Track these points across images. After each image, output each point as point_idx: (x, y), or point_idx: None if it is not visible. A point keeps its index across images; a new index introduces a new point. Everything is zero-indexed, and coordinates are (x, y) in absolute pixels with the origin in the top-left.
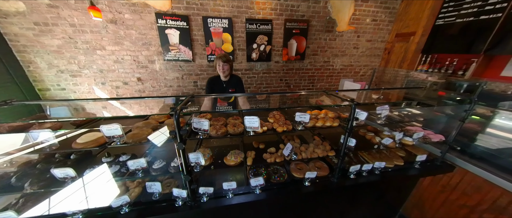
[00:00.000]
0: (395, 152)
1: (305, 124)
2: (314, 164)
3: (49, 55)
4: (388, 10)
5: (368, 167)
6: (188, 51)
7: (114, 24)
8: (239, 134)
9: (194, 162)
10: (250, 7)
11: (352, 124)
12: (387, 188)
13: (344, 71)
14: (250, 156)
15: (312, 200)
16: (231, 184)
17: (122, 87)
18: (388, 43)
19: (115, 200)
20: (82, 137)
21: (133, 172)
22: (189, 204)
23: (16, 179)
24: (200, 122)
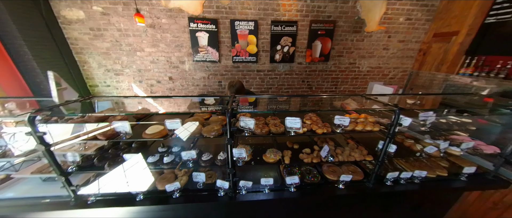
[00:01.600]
0: (437, 162)
1: (345, 127)
2: (348, 168)
3: (99, 56)
4: (426, 8)
5: (407, 175)
6: (215, 53)
7: (152, 28)
8: (280, 134)
9: (237, 157)
10: (276, 9)
11: (395, 129)
12: (425, 199)
13: (371, 73)
14: (287, 155)
15: (344, 204)
16: (269, 180)
17: (155, 85)
18: (424, 43)
19: (169, 185)
20: (149, 128)
21: (184, 162)
22: (230, 195)
23: (97, 160)
24: (247, 121)
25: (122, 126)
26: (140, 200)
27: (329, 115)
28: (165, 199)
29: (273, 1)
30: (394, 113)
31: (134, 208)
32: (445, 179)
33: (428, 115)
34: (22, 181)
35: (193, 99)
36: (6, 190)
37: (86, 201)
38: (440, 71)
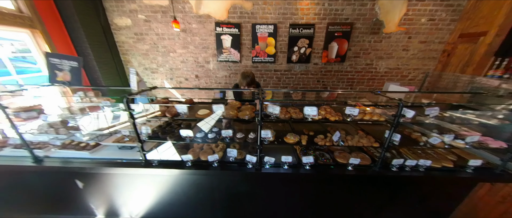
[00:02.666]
0: (443, 155)
1: (354, 116)
2: (357, 155)
3: (140, 56)
4: (451, 8)
5: (412, 163)
6: (237, 54)
7: (184, 32)
8: (300, 120)
9: (264, 136)
10: (294, 13)
11: (398, 120)
12: (433, 192)
13: (389, 74)
14: (304, 138)
15: (352, 184)
16: (288, 157)
17: (184, 82)
18: (449, 44)
19: (211, 156)
20: (200, 111)
21: (223, 138)
22: (256, 168)
23: (161, 133)
24: (274, 107)
25: (182, 107)
26: (188, 166)
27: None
28: (206, 167)
29: (292, 6)
30: (398, 105)
31: (184, 171)
32: (450, 170)
33: (433, 110)
34: (105, 148)
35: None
36: (96, 153)
37: (151, 163)
38: (465, 73)
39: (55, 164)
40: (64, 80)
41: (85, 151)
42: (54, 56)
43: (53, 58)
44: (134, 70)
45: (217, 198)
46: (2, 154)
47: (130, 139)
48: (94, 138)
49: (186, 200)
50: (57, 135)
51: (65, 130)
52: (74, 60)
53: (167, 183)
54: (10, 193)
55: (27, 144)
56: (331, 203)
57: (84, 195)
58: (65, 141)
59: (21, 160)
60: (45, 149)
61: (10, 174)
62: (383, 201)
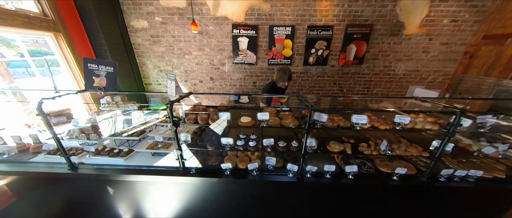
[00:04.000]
0: (491, 164)
1: (404, 125)
2: (400, 164)
3: (155, 58)
4: (475, 8)
5: (462, 174)
6: (253, 56)
7: (200, 34)
8: (348, 128)
9: (309, 145)
10: (313, 15)
11: (454, 130)
12: (478, 202)
13: (407, 76)
14: (347, 147)
15: (395, 197)
16: (331, 167)
17: (198, 85)
18: (471, 46)
19: (251, 165)
20: (241, 119)
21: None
22: (298, 177)
23: (199, 140)
24: (320, 115)
25: (226, 115)
26: (227, 174)
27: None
28: (244, 175)
29: (310, 7)
30: (455, 114)
31: (222, 179)
32: (501, 180)
33: (486, 118)
34: (138, 154)
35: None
36: (130, 159)
37: (189, 171)
38: (490, 76)
39: (89, 171)
40: (100, 85)
41: (119, 158)
42: (91, 62)
43: (91, 64)
44: (173, 75)
45: (249, 206)
46: (37, 160)
47: (164, 145)
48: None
49: (217, 208)
50: (88, 140)
51: (96, 135)
52: (110, 65)
53: (200, 191)
54: (44, 201)
55: (65, 151)
56: (371, 214)
57: (115, 202)
58: (98, 147)
59: (57, 166)
60: (79, 155)
61: (47, 181)
62: (425, 212)
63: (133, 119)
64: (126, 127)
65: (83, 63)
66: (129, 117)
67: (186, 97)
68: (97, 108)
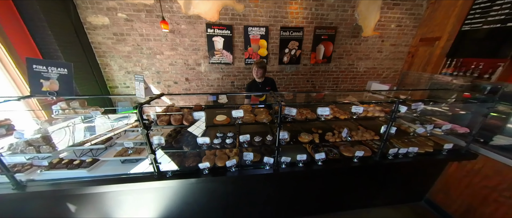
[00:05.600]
0: (424, 141)
1: (359, 114)
2: (359, 148)
3: (120, 59)
4: (413, 16)
5: (404, 151)
6: (230, 55)
7: (172, 33)
8: (314, 119)
9: (282, 138)
10: (285, 17)
11: (395, 115)
12: (416, 172)
13: (367, 73)
14: (315, 137)
15: (355, 174)
16: (303, 155)
17: (173, 86)
18: (412, 47)
19: (229, 162)
20: (217, 117)
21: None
22: (274, 169)
23: (174, 142)
24: (290, 109)
25: (200, 114)
26: (205, 173)
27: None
28: (224, 172)
29: (282, 9)
30: (395, 103)
31: (201, 179)
32: (431, 153)
33: (418, 105)
34: (105, 163)
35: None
36: (95, 170)
37: (165, 174)
38: (426, 71)
39: (42, 188)
40: (51, 90)
41: (82, 169)
42: (38, 63)
43: (38, 65)
44: (141, 76)
45: (230, 203)
46: None
47: (135, 151)
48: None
49: (198, 209)
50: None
51: (49, 147)
52: (63, 67)
53: (179, 194)
54: None
55: (7, 168)
56: (338, 192)
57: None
58: (53, 160)
59: None
60: (27, 172)
61: None
62: (379, 186)
63: (97, 126)
64: (89, 136)
65: (26, 65)
66: (92, 124)
67: (158, 98)
68: (48, 116)
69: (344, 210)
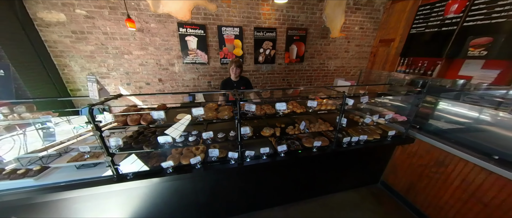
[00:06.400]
0: (374, 130)
1: (314, 108)
2: (319, 138)
3: (82, 59)
4: (373, 20)
5: (355, 139)
6: (204, 55)
7: (141, 32)
8: (272, 114)
9: (244, 133)
10: (257, 17)
11: (344, 107)
12: (371, 158)
13: (337, 71)
14: (277, 130)
15: (315, 163)
16: (266, 149)
17: (144, 87)
18: (374, 47)
19: (193, 159)
20: (178, 115)
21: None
22: (239, 163)
23: (134, 143)
24: (250, 105)
25: (159, 114)
26: (169, 172)
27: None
28: (189, 169)
29: (255, 10)
30: (343, 96)
31: (165, 178)
32: (378, 140)
33: (364, 98)
34: (57, 170)
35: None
36: (44, 178)
37: (126, 176)
38: (385, 69)
39: None
40: None
41: (28, 179)
42: None
43: None
44: (94, 77)
45: (202, 200)
46: None
47: (93, 155)
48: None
49: (167, 209)
50: None
51: None
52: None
53: (145, 195)
54: None
55: None
56: (303, 180)
57: None
58: None
59: None
60: None
61: None
62: (340, 172)
63: (57, 132)
64: (44, 144)
65: None
66: (49, 130)
67: (115, 99)
68: None
69: (311, 197)
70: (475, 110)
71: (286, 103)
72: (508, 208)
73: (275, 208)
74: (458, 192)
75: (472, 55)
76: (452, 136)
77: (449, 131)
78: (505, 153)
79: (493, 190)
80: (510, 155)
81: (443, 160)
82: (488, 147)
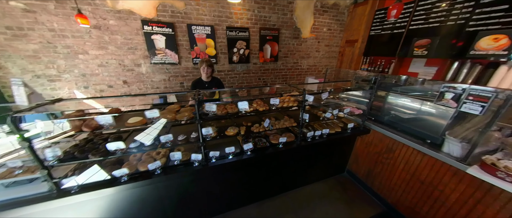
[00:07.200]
0: (336, 123)
1: (276, 105)
2: (285, 134)
3: (23, 60)
4: (339, 22)
5: (319, 133)
6: (174, 55)
7: (98, 29)
8: (235, 113)
9: (206, 134)
10: (229, 17)
11: (305, 103)
12: (334, 150)
13: (310, 70)
14: (242, 129)
15: (283, 159)
16: (231, 148)
17: (107, 90)
18: (341, 47)
19: (151, 165)
20: (130, 119)
21: (163, 144)
22: (203, 164)
23: (78, 152)
24: (210, 105)
25: (105, 118)
26: (124, 180)
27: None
28: (148, 176)
29: (226, 9)
30: (303, 93)
31: (119, 187)
32: (340, 133)
33: (324, 94)
34: None
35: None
36: None
37: (70, 190)
38: (351, 68)
39: None
40: None
41: None
42: None
43: None
44: (19, 80)
45: (167, 207)
46: None
47: (27, 170)
48: None
49: None
50: None
51: None
52: None
53: (99, 208)
54: None
55: None
56: (274, 177)
57: None
58: None
59: None
60: None
61: None
62: (308, 165)
63: None
64: None
65: None
66: None
67: (52, 104)
68: None
69: (283, 192)
70: (413, 102)
71: (248, 102)
72: (437, 183)
73: (249, 206)
74: (403, 174)
75: (417, 55)
76: (398, 125)
77: (396, 121)
78: (434, 137)
79: (426, 169)
80: (437, 138)
81: (391, 146)
82: (423, 133)
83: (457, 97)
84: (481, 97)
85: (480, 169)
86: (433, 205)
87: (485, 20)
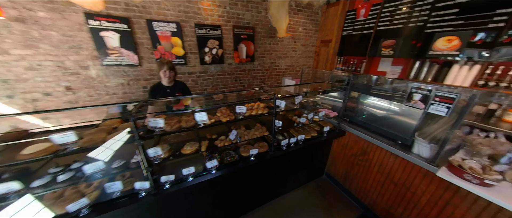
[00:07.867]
0: (312, 127)
1: (244, 114)
2: (258, 144)
3: None
4: (314, 21)
5: (294, 140)
6: (133, 55)
7: (21, 23)
8: (191, 128)
9: (154, 155)
10: (197, 13)
11: (275, 110)
12: (312, 155)
13: (287, 70)
14: (204, 144)
15: (257, 171)
16: (190, 169)
17: (42, 100)
18: (317, 47)
19: (72, 205)
20: (28, 148)
21: (90, 176)
22: (153, 193)
23: None
24: (155, 121)
25: None
26: None
27: None
28: None
29: (193, 4)
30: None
31: None
32: (317, 137)
33: (298, 98)
34: None
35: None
36: None
37: None
38: (327, 68)
39: None
40: None
41: None
42: None
43: None
44: None
45: None
46: None
47: None
48: None
49: None
50: None
51: None
52: None
53: None
54: None
55: None
56: (251, 190)
57: None
58: None
59: None
60: None
61: None
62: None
63: None
64: None
65: None
66: None
67: None
68: None
69: (263, 204)
70: (384, 102)
71: (206, 113)
72: (409, 185)
73: None
74: (378, 176)
75: (384, 54)
76: (371, 126)
77: (370, 122)
78: (405, 138)
79: (399, 171)
80: (407, 139)
81: (366, 148)
82: (394, 134)
83: (425, 98)
84: (447, 98)
85: (448, 171)
86: (407, 207)
87: (440, 23)
